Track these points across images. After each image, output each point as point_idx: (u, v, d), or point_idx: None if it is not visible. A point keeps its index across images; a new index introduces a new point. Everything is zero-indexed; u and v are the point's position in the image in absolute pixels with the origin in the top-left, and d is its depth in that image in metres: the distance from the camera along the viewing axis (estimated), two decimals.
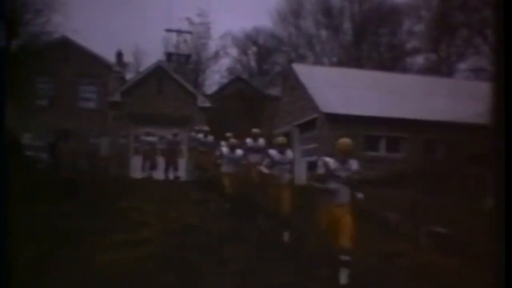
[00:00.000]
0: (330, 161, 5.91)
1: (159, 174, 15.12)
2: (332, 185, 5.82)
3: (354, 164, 6.04)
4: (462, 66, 32.13)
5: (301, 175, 16.38)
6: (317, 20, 36.92)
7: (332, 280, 5.85)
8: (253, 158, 10.27)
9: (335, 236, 5.70)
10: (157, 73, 21.39)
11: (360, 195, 5.96)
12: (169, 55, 26.88)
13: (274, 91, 28.57)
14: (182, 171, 15.29)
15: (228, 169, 9.93)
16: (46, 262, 6.00)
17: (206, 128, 14.17)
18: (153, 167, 15.24)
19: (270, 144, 10.03)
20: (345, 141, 6.04)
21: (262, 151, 10.10)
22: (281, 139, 8.07)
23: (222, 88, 32.49)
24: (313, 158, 17.53)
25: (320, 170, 5.90)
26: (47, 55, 19.70)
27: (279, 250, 7.08)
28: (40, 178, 10.72)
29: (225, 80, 35.20)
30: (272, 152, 7.80)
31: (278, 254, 6.86)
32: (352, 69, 24.64)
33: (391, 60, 34.55)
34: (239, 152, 9.99)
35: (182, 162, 15.38)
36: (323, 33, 37.14)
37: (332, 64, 34.06)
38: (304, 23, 37.63)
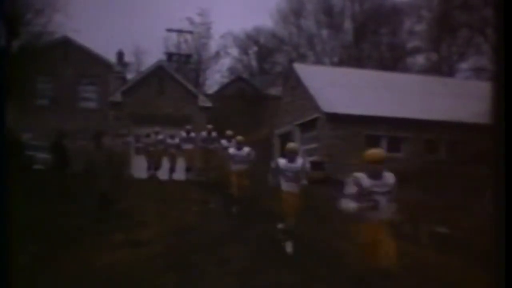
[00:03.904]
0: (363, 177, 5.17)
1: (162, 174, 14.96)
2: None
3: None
4: (463, 65, 32.18)
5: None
6: (318, 20, 36.95)
7: (333, 280, 5.86)
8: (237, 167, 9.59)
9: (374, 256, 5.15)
10: (158, 73, 21.40)
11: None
12: (170, 55, 26.90)
13: (275, 91, 28.60)
14: (182, 171, 15.18)
15: (236, 168, 9.52)
16: (46, 262, 6.00)
17: (209, 126, 13.73)
18: (158, 167, 14.88)
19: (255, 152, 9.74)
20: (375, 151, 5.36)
21: (245, 161, 9.58)
22: (290, 146, 7.80)
23: (223, 88, 32.53)
24: (314, 158, 17.55)
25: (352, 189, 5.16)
26: (47, 55, 19.71)
27: (280, 251, 7.08)
28: (40, 178, 10.73)
29: (226, 80, 35.25)
30: (281, 160, 7.50)
31: (278, 254, 6.86)
32: (353, 69, 24.64)
33: (392, 60, 34.54)
34: (246, 149, 9.58)
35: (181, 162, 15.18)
36: (324, 32, 37.18)
37: (333, 64, 34.07)
38: (305, 23, 37.69)
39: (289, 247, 7.08)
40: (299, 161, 7.62)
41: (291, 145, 7.92)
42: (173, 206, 10.22)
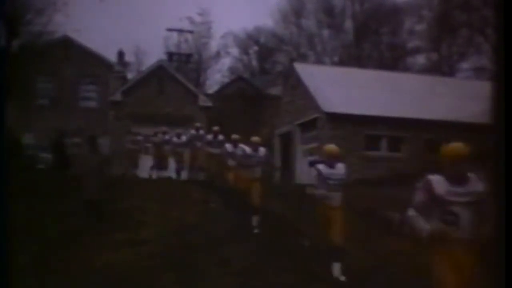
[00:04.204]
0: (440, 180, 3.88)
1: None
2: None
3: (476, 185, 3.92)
4: (463, 65, 32.18)
5: (302, 175, 16.35)
6: (319, 19, 36.94)
7: (333, 279, 5.85)
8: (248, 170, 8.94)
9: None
10: (158, 72, 21.42)
11: None
12: (170, 55, 26.93)
13: (275, 91, 28.55)
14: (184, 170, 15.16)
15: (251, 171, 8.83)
16: (46, 262, 6.00)
17: (215, 128, 13.15)
18: (164, 167, 14.71)
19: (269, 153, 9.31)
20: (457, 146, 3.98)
21: (261, 163, 9.01)
22: (331, 148, 6.59)
23: (224, 88, 32.50)
24: (314, 157, 17.53)
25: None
26: (48, 55, 19.68)
27: (280, 250, 7.07)
28: (41, 178, 10.72)
29: (226, 80, 35.25)
30: (321, 166, 6.44)
31: (278, 253, 6.85)
32: (353, 69, 24.61)
33: (392, 60, 34.54)
34: (262, 149, 8.97)
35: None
36: (325, 32, 37.17)
37: (334, 64, 34.05)
38: (305, 22, 37.68)
39: (336, 270, 6.06)
40: (340, 167, 6.47)
41: (332, 147, 6.62)
42: (173, 205, 10.21)
